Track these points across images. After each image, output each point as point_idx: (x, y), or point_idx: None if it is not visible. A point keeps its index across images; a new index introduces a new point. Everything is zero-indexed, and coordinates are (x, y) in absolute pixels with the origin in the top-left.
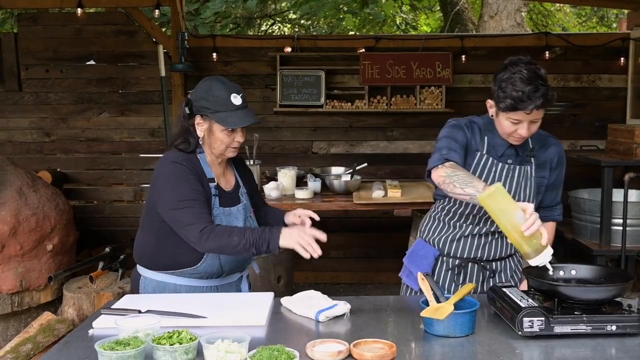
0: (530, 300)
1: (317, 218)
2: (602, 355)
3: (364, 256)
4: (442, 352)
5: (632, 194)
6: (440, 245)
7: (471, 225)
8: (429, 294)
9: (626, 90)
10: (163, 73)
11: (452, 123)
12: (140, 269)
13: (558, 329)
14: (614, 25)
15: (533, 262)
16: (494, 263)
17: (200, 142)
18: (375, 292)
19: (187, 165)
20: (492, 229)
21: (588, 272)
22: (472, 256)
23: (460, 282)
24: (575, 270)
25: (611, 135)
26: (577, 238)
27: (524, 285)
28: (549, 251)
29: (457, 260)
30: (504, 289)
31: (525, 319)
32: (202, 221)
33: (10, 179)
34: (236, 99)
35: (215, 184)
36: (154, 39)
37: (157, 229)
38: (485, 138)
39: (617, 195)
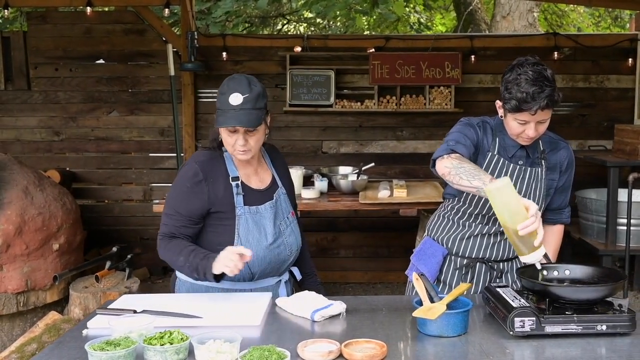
0: (522, 300)
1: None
2: (592, 355)
3: (373, 256)
4: (434, 352)
5: (637, 194)
6: (449, 244)
7: (480, 225)
8: (423, 294)
9: (634, 90)
10: (172, 72)
11: (465, 121)
12: (177, 272)
13: (549, 329)
14: (628, 25)
15: (524, 259)
16: (501, 264)
17: None
18: (385, 291)
19: (201, 169)
20: (501, 229)
21: (582, 272)
22: (480, 256)
23: (468, 281)
24: (569, 271)
25: (618, 136)
26: (583, 238)
27: None
28: (541, 251)
29: (465, 260)
30: (498, 289)
31: (516, 318)
32: (167, 231)
33: (16, 178)
34: (235, 99)
35: (238, 182)
36: (164, 38)
37: None
38: (497, 139)
39: (623, 195)
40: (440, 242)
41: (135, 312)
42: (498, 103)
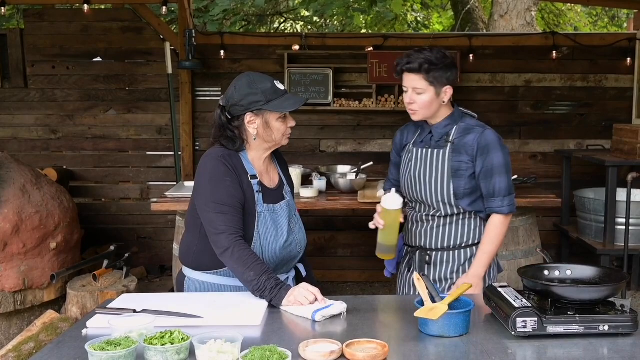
0: (524, 300)
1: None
2: (594, 355)
3: (371, 255)
4: (436, 352)
5: (636, 194)
6: (405, 234)
7: (411, 210)
8: (424, 294)
9: (632, 90)
10: (170, 70)
11: (394, 139)
12: (185, 270)
13: (551, 329)
14: (625, 25)
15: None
16: (433, 252)
17: (254, 140)
18: (382, 290)
19: (227, 164)
20: (426, 212)
21: (583, 272)
22: (415, 244)
23: (410, 270)
24: (571, 271)
25: (616, 135)
26: (581, 237)
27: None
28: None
29: (410, 248)
30: (500, 289)
31: (518, 319)
32: (232, 229)
33: (13, 177)
34: (280, 85)
35: (258, 180)
36: (162, 36)
37: (201, 228)
38: (420, 130)
39: (622, 194)
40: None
41: (135, 311)
42: None
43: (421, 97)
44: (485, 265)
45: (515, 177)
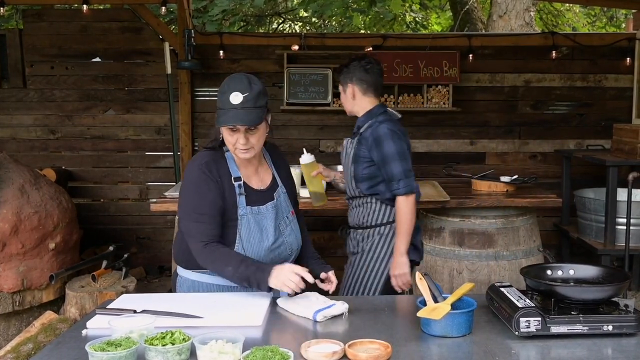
0: (527, 300)
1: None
2: (598, 356)
3: None
4: (439, 353)
5: (637, 194)
6: None
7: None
8: (426, 294)
9: (632, 90)
10: (169, 70)
11: None
12: (179, 269)
13: (554, 329)
14: (623, 25)
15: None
16: (350, 230)
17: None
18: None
19: (209, 172)
20: (350, 194)
21: (587, 272)
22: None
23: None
24: (574, 270)
25: (616, 135)
26: (582, 237)
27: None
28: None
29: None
30: (502, 289)
31: (522, 319)
32: (205, 237)
33: (11, 177)
34: (236, 98)
35: (240, 182)
36: (161, 36)
37: None
38: None
39: (622, 194)
40: None
41: (135, 312)
42: None
43: (341, 94)
44: (403, 243)
45: (516, 177)
